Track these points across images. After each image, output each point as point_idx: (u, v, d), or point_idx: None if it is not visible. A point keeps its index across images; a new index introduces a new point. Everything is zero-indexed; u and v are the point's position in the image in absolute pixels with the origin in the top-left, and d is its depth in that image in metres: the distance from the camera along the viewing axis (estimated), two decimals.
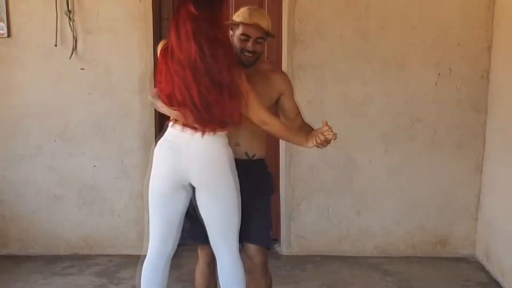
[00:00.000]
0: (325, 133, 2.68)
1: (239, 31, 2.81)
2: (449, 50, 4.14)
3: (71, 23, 4.04)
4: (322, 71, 4.15)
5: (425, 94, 4.19)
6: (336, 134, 2.68)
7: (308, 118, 4.12)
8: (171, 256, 2.84)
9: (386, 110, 4.21)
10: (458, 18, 4.12)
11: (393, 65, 4.16)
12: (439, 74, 4.17)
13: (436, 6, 4.10)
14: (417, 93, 4.19)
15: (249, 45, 2.79)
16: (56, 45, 4.06)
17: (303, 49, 4.12)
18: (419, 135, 4.24)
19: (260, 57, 2.90)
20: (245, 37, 2.80)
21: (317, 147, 2.73)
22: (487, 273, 4.11)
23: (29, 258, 4.24)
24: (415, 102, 4.20)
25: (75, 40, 4.07)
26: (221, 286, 2.85)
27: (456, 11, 4.11)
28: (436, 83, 4.18)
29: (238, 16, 2.84)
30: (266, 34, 2.83)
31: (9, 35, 4.08)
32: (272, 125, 2.71)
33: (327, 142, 2.71)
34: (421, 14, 4.10)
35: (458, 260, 4.32)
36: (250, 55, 2.81)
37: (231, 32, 2.84)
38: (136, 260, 4.18)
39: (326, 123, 2.70)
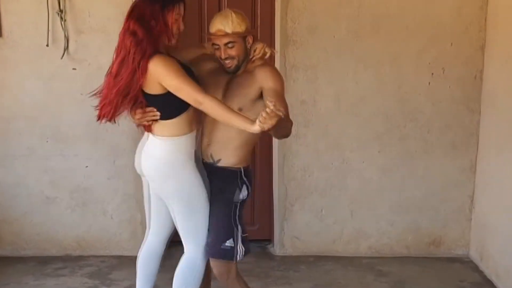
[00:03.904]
0: (267, 109, 2.40)
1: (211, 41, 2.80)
2: (443, 50, 4.13)
3: (62, 23, 4.01)
4: (315, 71, 4.14)
5: (418, 94, 4.18)
6: (279, 109, 2.39)
7: (302, 118, 4.17)
8: None
9: (380, 110, 4.20)
10: (451, 18, 4.11)
11: (387, 65, 4.15)
12: (433, 74, 4.16)
13: (430, 6, 4.10)
14: (410, 93, 4.18)
15: (221, 53, 2.76)
16: (47, 45, 4.03)
17: (296, 49, 4.10)
18: (412, 135, 4.23)
19: (248, 59, 2.83)
20: (216, 46, 2.77)
21: (264, 128, 2.45)
22: (481, 273, 4.10)
23: (20, 260, 4.21)
24: (409, 102, 4.19)
25: (67, 40, 4.04)
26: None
27: (449, 11, 4.10)
28: (429, 83, 4.17)
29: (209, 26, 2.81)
30: (238, 35, 2.74)
31: (0, 35, 4.05)
32: (206, 104, 2.60)
33: (273, 117, 2.40)
34: (415, 14, 4.10)
35: (452, 260, 4.32)
36: (228, 62, 2.77)
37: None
38: (128, 261, 4.19)
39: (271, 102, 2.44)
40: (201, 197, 2.84)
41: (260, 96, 2.77)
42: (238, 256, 2.86)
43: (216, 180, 2.88)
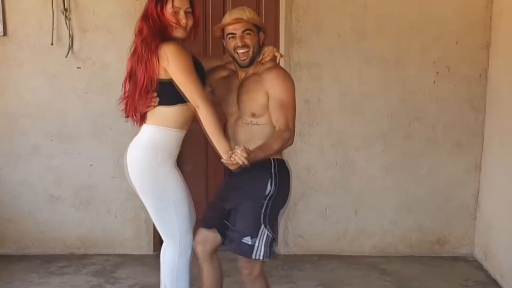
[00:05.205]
0: (233, 155, 2.59)
1: (225, 33, 2.82)
2: (447, 48, 4.13)
3: (67, 21, 4.03)
4: (319, 69, 4.13)
5: (423, 92, 4.18)
6: (244, 162, 2.57)
7: (306, 117, 4.16)
8: None
9: (384, 109, 4.19)
10: (456, 17, 4.10)
11: (391, 64, 4.14)
12: (437, 72, 4.15)
13: (434, 4, 4.09)
14: (415, 91, 4.18)
15: (237, 41, 2.78)
16: (52, 44, 4.04)
17: (301, 47, 4.10)
18: (417, 134, 4.22)
19: (260, 58, 2.84)
20: (231, 35, 2.79)
21: (226, 164, 2.65)
22: (485, 272, 4.09)
23: (25, 258, 4.22)
24: (413, 100, 4.19)
25: (72, 38, 4.05)
26: None
27: (454, 9, 4.10)
28: (434, 82, 4.16)
29: (222, 20, 2.84)
30: (254, 25, 2.80)
31: (5, 33, 4.06)
32: (201, 111, 2.67)
33: (234, 164, 2.61)
34: (419, 12, 4.09)
35: (457, 259, 4.31)
36: (243, 51, 2.78)
37: (224, 41, 2.86)
38: (132, 260, 4.20)
39: (244, 149, 2.58)
40: (176, 196, 2.83)
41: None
42: (257, 255, 2.77)
43: (247, 176, 2.75)
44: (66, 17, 4.02)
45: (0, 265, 4.10)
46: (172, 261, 2.91)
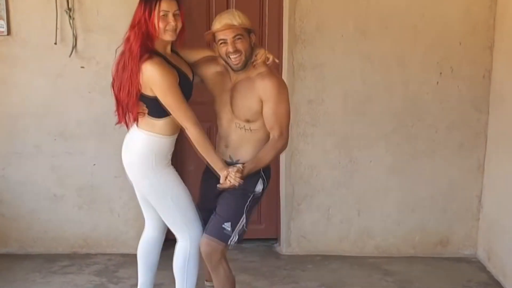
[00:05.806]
0: (228, 177, 2.81)
1: (216, 39, 2.85)
2: (451, 49, 4.12)
3: (71, 21, 4.02)
4: (322, 70, 4.13)
5: (426, 93, 4.17)
6: (238, 182, 2.80)
7: (309, 117, 4.16)
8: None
9: (387, 110, 4.19)
10: (459, 17, 4.10)
11: (394, 64, 4.14)
12: (441, 73, 4.15)
13: (438, 5, 4.09)
14: (418, 92, 4.17)
15: (229, 47, 2.80)
16: (56, 43, 4.04)
17: (304, 48, 4.10)
18: (420, 134, 4.22)
19: (252, 60, 2.88)
20: (223, 41, 2.82)
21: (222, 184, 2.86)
22: (488, 273, 4.09)
23: (28, 257, 4.22)
24: (416, 101, 4.18)
25: (75, 38, 4.05)
26: None
27: (458, 10, 4.09)
28: (437, 82, 4.16)
29: (212, 26, 2.87)
30: (245, 29, 2.82)
31: (9, 33, 4.05)
32: (190, 132, 2.78)
33: (228, 185, 2.83)
34: (423, 13, 4.09)
35: (459, 260, 4.30)
36: (236, 56, 2.81)
37: (215, 45, 2.90)
38: (135, 259, 4.17)
39: (238, 170, 2.81)
40: (173, 192, 2.92)
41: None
42: (231, 242, 2.92)
43: None
44: (69, 16, 4.01)
45: (3, 264, 4.10)
46: (184, 252, 2.99)
